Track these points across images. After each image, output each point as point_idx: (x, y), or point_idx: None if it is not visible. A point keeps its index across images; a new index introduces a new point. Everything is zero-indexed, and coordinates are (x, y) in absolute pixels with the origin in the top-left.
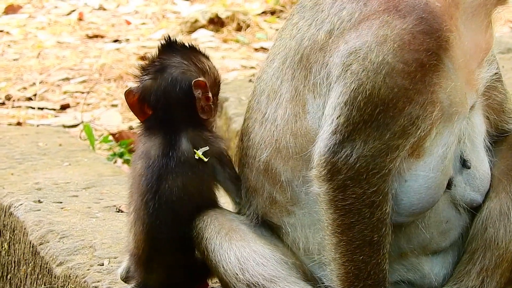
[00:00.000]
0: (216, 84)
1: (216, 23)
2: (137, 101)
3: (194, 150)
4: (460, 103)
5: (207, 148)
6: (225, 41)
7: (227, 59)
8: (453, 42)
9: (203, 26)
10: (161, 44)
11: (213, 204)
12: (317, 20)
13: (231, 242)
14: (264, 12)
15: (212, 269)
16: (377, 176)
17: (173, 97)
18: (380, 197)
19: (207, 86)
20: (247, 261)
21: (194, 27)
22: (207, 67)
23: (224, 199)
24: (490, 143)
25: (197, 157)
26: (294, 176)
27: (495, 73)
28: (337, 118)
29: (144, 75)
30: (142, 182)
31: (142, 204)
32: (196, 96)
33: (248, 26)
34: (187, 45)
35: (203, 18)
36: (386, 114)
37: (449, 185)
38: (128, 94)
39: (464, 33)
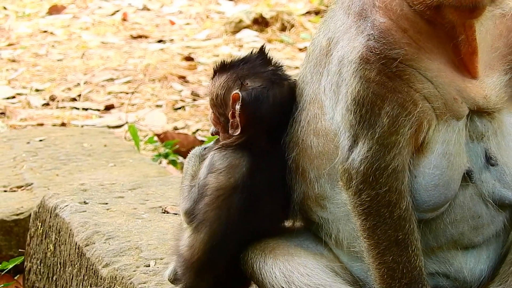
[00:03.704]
0: None
1: (261, 23)
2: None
3: None
4: (447, 108)
5: None
6: (269, 41)
7: None
8: (414, 54)
9: (247, 26)
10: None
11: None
12: (325, 29)
13: (275, 258)
14: (308, 12)
15: (259, 286)
16: (385, 175)
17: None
18: (396, 195)
19: None
20: (292, 274)
21: (238, 27)
22: None
23: None
24: None
25: None
26: (320, 173)
27: None
28: (343, 125)
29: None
30: (233, 197)
31: (221, 218)
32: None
33: (292, 26)
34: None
35: (248, 18)
36: (371, 113)
37: (471, 179)
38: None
39: (434, 46)
